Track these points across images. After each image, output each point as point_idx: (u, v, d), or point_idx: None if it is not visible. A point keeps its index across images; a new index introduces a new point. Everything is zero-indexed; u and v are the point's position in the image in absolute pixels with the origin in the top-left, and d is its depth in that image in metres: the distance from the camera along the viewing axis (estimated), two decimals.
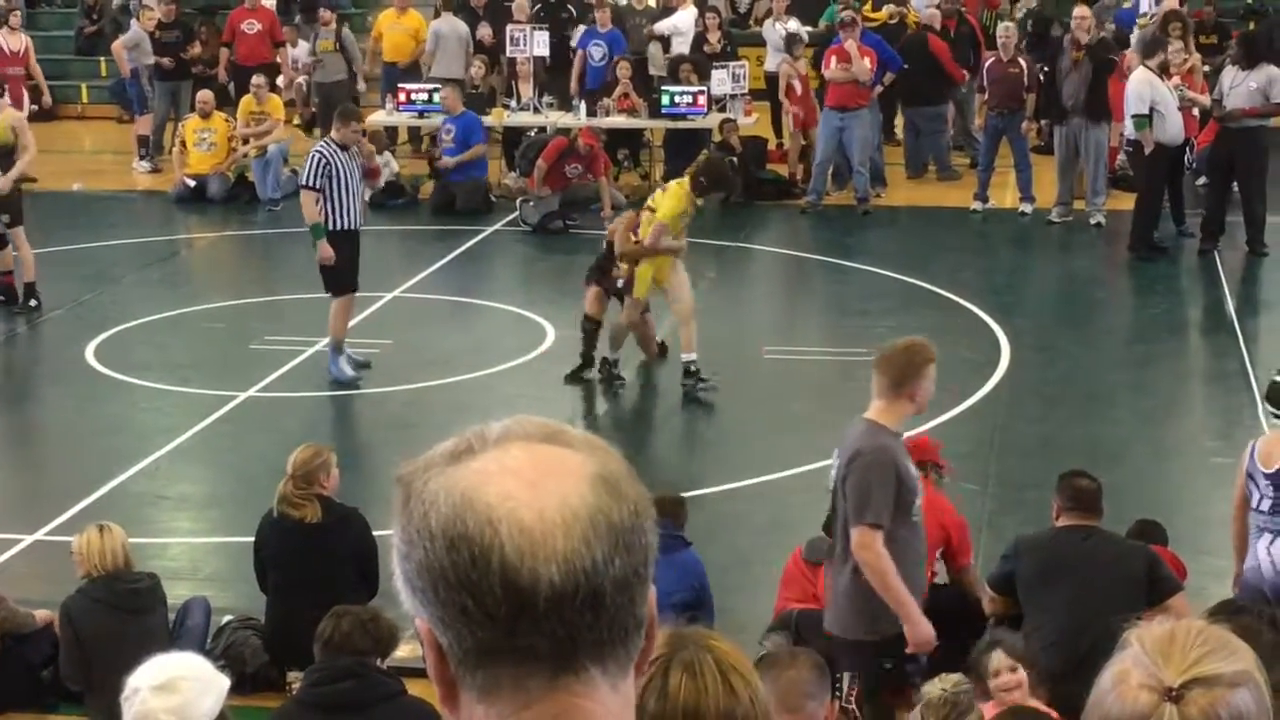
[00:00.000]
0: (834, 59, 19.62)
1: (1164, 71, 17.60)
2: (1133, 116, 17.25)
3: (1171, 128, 17.27)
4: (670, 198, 13.18)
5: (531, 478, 1.81)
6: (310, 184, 13.54)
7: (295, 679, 8.32)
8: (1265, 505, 8.09)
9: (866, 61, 19.57)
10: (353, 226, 13.67)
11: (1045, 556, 8.01)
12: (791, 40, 21.39)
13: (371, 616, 7.18)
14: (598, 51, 22.19)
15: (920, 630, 7.16)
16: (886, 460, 7.04)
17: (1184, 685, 2.40)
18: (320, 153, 13.60)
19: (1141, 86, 17.21)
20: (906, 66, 20.71)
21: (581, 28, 22.83)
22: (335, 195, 13.53)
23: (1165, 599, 7.79)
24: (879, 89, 20.48)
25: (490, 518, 1.78)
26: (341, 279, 13.67)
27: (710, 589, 8.89)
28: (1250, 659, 2.46)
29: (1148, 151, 17.19)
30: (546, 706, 1.81)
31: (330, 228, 13.57)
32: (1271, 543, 8.07)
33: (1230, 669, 2.43)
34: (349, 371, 13.73)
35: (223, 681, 5.43)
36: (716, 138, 20.45)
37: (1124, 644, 2.50)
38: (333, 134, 13.84)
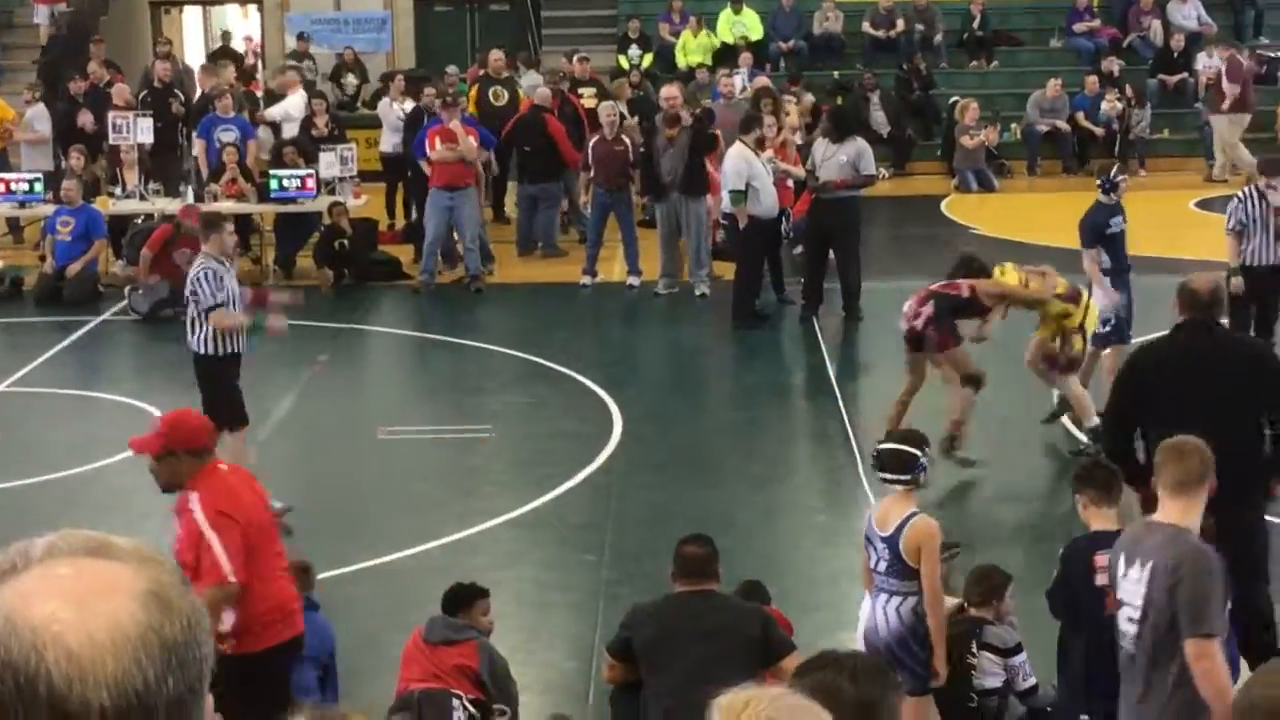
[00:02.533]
0: (438, 139, 19.84)
1: (759, 146, 18.24)
2: (730, 192, 17.84)
3: (766, 200, 17.91)
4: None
5: (78, 597, 1.75)
6: (217, 301, 12.00)
7: None
8: (882, 566, 8.42)
9: (472, 140, 19.86)
10: (239, 350, 12.37)
11: (659, 623, 8.21)
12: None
13: None
14: (228, 136, 21.75)
15: None
16: (1215, 566, 6.88)
17: None
18: (209, 269, 12.08)
19: (738, 162, 17.81)
20: (528, 147, 21.25)
21: (212, 114, 22.27)
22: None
23: (780, 659, 8.04)
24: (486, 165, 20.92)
25: (35, 643, 1.72)
26: (236, 408, 12.31)
27: (336, 660, 9.00)
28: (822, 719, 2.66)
29: (742, 226, 17.79)
30: None
31: (219, 353, 12.18)
32: (887, 602, 8.41)
33: None
34: None
35: None
36: (326, 220, 20.47)
37: (710, 711, 2.68)
38: (206, 247, 12.24)
